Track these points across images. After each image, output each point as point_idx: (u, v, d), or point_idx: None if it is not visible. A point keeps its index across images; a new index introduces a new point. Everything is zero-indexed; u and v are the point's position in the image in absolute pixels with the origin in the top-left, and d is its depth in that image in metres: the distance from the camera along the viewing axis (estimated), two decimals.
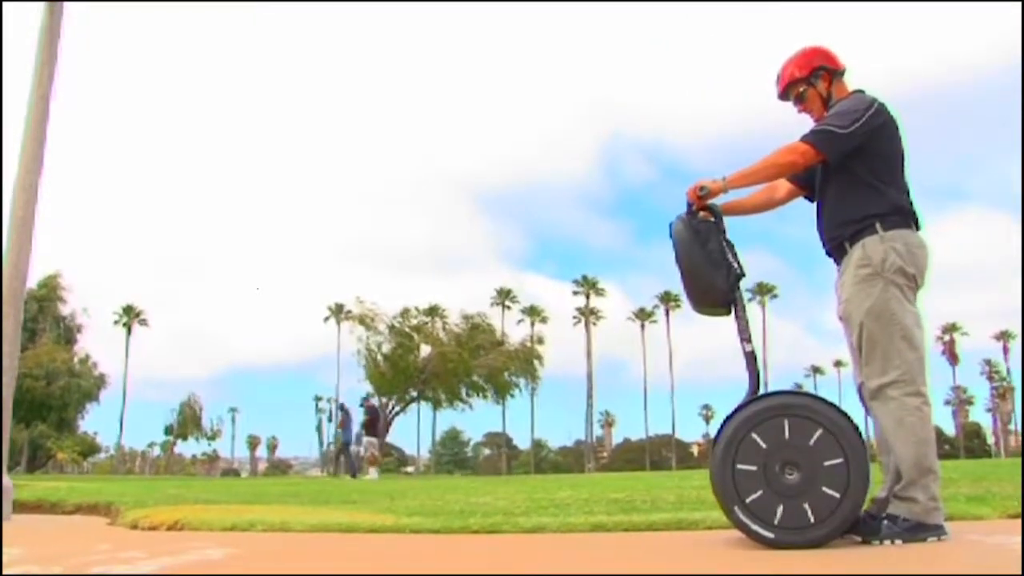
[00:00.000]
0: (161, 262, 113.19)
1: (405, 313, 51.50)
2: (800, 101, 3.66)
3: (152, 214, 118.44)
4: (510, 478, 28.01)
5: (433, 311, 54.86)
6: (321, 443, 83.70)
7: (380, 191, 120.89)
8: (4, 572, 2.95)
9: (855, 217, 3.44)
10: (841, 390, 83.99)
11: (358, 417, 20.58)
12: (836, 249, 3.55)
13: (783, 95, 3.71)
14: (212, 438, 67.37)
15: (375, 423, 20.21)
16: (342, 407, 20.95)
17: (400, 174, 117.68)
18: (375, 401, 20.25)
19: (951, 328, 76.73)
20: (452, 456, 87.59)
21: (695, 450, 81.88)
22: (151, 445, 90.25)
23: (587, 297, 74.46)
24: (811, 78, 3.62)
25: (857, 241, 3.43)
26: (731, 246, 3.52)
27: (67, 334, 50.04)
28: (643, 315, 76.68)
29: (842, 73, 3.65)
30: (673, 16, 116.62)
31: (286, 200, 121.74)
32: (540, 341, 61.79)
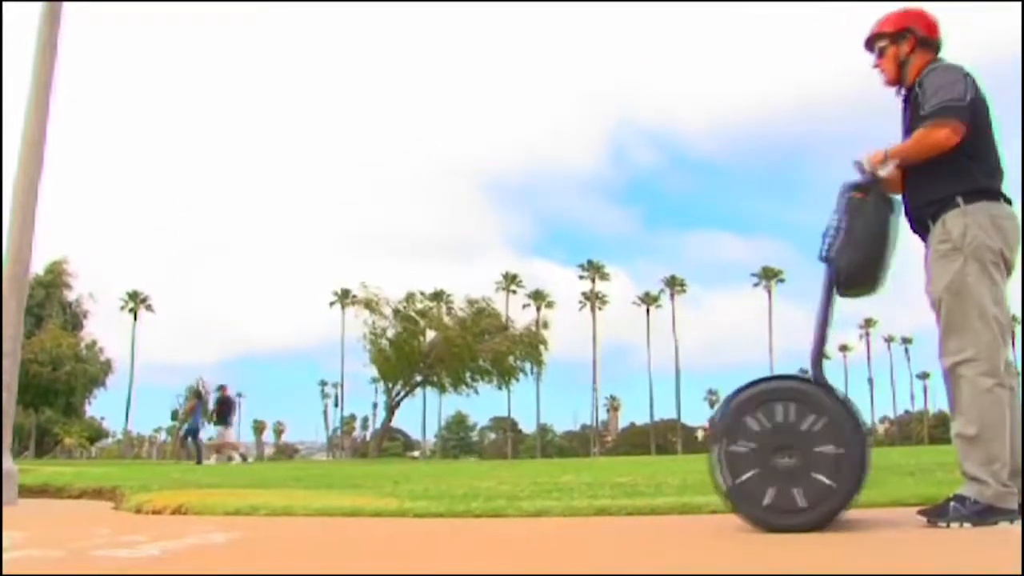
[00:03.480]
0: (167, 248, 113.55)
1: (410, 298, 51.52)
2: (880, 55, 3.60)
3: (158, 200, 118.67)
4: (515, 462, 28.07)
5: (438, 296, 54.91)
6: (327, 428, 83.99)
7: (387, 177, 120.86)
8: (6, 557, 2.94)
9: (938, 196, 3.36)
10: (847, 375, 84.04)
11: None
12: (920, 227, 3.47)
13: (867, 44, 3.64)
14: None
15: (227, 412, 20.11)
16: (197, 393, 20.93)
17: (408, 160, 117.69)
18: (231, 391, 20.22)
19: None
20: (458, 440, 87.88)
21: (700, 435, 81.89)
22: (158, 430, 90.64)
23: (592, 281, 74.46)
24: (896, 36, 3.54)
25: (939, 217, 3.35)
26: None
27: (73, 320, 50.12)
28: (649, 299, 76.67)
29: (932, 44, 3.54)
30: (681, 2, 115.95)
31: (292, 185, 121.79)
32: (545, 326, 61.77)
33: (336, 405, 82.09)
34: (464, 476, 8.83)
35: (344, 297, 69.15)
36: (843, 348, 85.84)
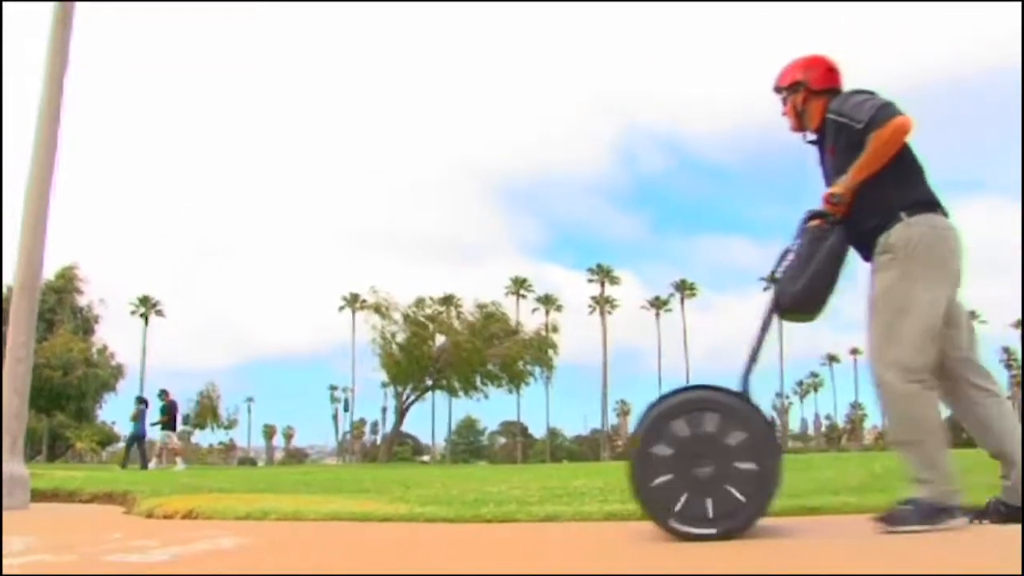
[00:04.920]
0: (178, 253, 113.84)
1: (420, 303, 51.66)
2: (783, 105, 3.75)
3: (168, 205, 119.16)
4: (525, 467, 28.06)
5: (447, 300, 54.97)
6: (337, 432, 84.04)
7: (396, 181, 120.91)
8: (18, 560, 2.96)
9: (882, 215, 3.42)
10: (857, 377, 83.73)
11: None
12: (866, 249, 3.52)
13: (776, 94, 3.79)
14: (229, 427, 68.03)
15: (172, 418, 20.38)
16: (141, 399, 21.31)
17: (416, 163, 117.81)
18: (174, 396, 20.62)
19: (969, 316, 76.02)
20: (468, 445, 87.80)
21: None
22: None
23: (602, 285, 74.39)
24: (791, 89, 3.70)
25: (883, 234, 3.41)
26: None
27: (84, 325, 50.38)
28: (658, 303, 76.56)
29: (826, 92, 3.64)
30: (690, 5, 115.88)
31: (302, 189, 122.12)
32: (555, 330, 61.79)
33: (346, 410, 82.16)
34: (474, 481, 8.82)
35: (354, 302, 69.31)
36: (854, 351, 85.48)
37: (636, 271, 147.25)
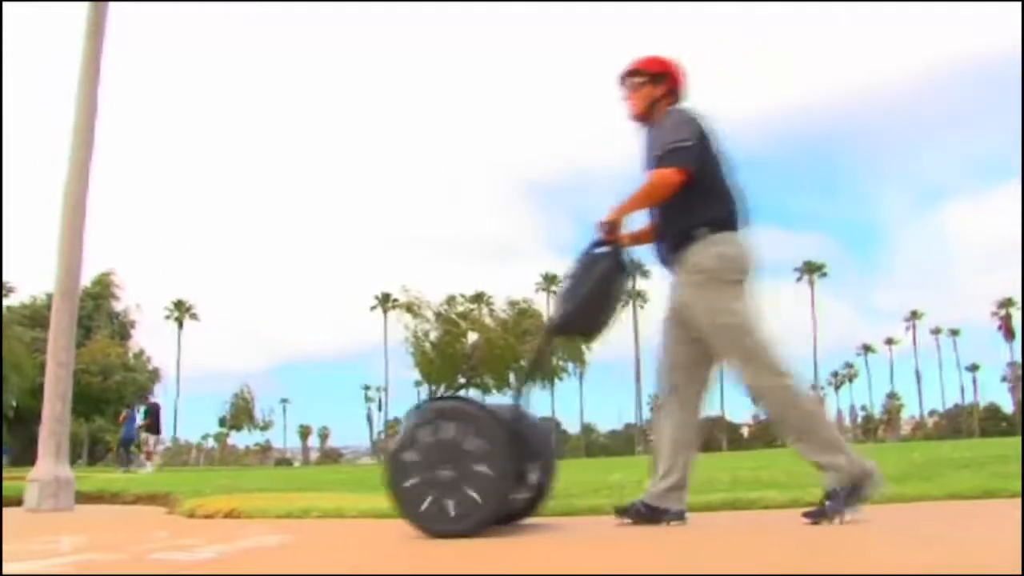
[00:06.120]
0: (211, 256, 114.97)
1: (451, 300, 51.71)
2: (632, 89, 3.76)
3: (201, 208, 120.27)
4: (560, 462, 28.03)
5: (479, 298, 55.03)
6: (371, 431, 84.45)
7: (426, 179, 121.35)
8: (68, 560, 3.01)
9: (686, 229, 3.54)
10: (892, 368, 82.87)
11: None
12: (671, 261, 3.66)
13: (624, 77, 3.80)
14: (264, 428, 68.58)
15: (156, 421, 20.83)
16: (127, 405, 21.91)
17: (447, 162, 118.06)
18: (158, 401, 21.26)
19: (1007, 303, 74.85)
20: None
21: (745, 431, 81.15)
22: (205, 437, 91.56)
23: (633, 280, 74.09)
24: (656, 78, 3.74)
25: (686, 249, 3.53)
26: None
27: (121, 330, 51.07)
28: None
29: (680, 94, 3.76)
30: (718, 4, 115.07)
31: (333, 191, 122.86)
32: None
33: (380, 409, 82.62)
34: None
35: (385, 301, 69.55)
36: (889, 341, 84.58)
37: None
